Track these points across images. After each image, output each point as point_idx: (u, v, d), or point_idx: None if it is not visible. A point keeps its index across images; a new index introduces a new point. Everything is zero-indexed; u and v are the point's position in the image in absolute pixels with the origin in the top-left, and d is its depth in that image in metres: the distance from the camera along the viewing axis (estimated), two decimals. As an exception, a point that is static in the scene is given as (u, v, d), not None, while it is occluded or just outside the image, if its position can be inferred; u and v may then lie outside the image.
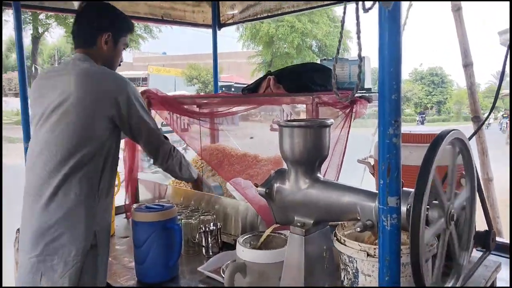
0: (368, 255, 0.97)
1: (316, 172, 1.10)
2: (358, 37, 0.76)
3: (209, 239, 1.74)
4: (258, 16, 2.90)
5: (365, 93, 1.81)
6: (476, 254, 1.40)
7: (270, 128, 2.36)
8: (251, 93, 1.94)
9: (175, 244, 1.50)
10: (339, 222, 1.15)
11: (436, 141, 0.80)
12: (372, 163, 1.74)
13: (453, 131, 0.84)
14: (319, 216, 1.06)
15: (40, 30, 18.55)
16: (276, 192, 1.12)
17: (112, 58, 1.58)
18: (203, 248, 1.74)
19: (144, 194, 2.36)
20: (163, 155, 1.63)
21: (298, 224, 1.07)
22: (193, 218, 1.81)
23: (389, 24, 0.69)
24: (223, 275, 1.44)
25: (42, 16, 16.94)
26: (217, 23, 3.01)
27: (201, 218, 1.83)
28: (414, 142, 1.49)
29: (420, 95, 36.36)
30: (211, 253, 1.73)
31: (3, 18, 17.17)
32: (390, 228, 0.72)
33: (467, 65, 2.42)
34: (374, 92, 1.92)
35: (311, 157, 1.07)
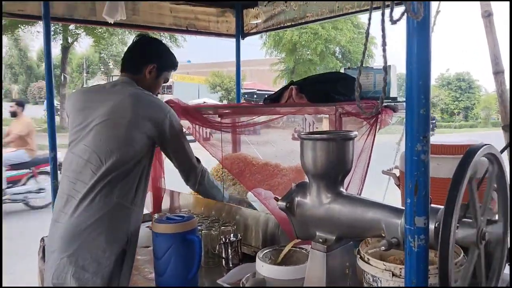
0: (393, 275, 0.92)
1: (339, 186, 1.06)
2: (384, 50, 0.73)
3: (229, 250, 1.71)
4: (282, 25, 2.89)
5: (390, 102, 1.76)
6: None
7: (291, 137, 2.33)
8: (273, 102, 1.92)
9: (195, 256, 1.48)
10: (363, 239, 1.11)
11: (466, 157, 0.75)
12: (398, 174, 1.69)
13: (484, 147, 0.79)
14: (342, 232, 1.02)
15: (70, 40, 19.10)
16: (297, 206, 1.09)
17: (152, 87, 1.72)
18: (223, 259, 1.72)
19: (166, 203, 2.37)
20: (195, 177, 1.76)
21: (320, 240, 1.04)
22: (214, 229, 1.80)
23: (418, 36, 0.66)
24: (243, 289, 1.41)
25: (71, 26, 17.45)
26: (240, 33, 3.01)
27: (222, 229, 1.82)
28: (443, 154, 1.43)
29: (447, 101, 35.51)
30: (231, 265, 1.70)
31: (36, 29, 17.83)
32: (417, 250, 0.68)
33: (498, 73, 2.32)
34: (400, 102, 1.86)
35: (334, 171, 1.03)
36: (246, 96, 23.11)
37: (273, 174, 2.29)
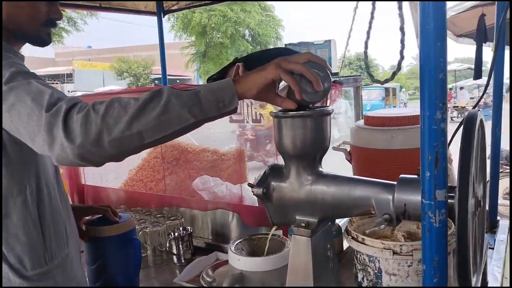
0: (394, 253, 0.88)
1: (318, 166, 0.98)
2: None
3: (181, 246, 1.58)
4: (203, 1, 2.74)
5: (336, 78, 1.74)
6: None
7: (229, 119, 2.23)
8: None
9: (135, 259, 1.31)
10: (347, 218, 1.06)
11: (469, 123, 0.72)
12: (348, 149, 1.68)
13: (479, 112, 0.78)
14: (325, 213, 0.96)
15: None
16: (273, 191, 0.99)
17: (22, 21, 1.00)
18: (175, 256, 1.58)
19: (93, 203, 2.11)
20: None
21: (302, 224, 0.96)
22: (159, 224, 1.64)
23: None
24: (204, 284, 1.30)
25: None
26: (161, 10, 2.78)
27: (168, 223, 1.67)
28: (395, 125, 1.44)
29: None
30: (183, 261, 1.58)
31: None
32: (438, 225, 0.64)
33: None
34: (342, 77, 1.86)
35: (313, 150, 0.95)
36: (156, 82, 22.15)
37: (213, 160, 2.17)
